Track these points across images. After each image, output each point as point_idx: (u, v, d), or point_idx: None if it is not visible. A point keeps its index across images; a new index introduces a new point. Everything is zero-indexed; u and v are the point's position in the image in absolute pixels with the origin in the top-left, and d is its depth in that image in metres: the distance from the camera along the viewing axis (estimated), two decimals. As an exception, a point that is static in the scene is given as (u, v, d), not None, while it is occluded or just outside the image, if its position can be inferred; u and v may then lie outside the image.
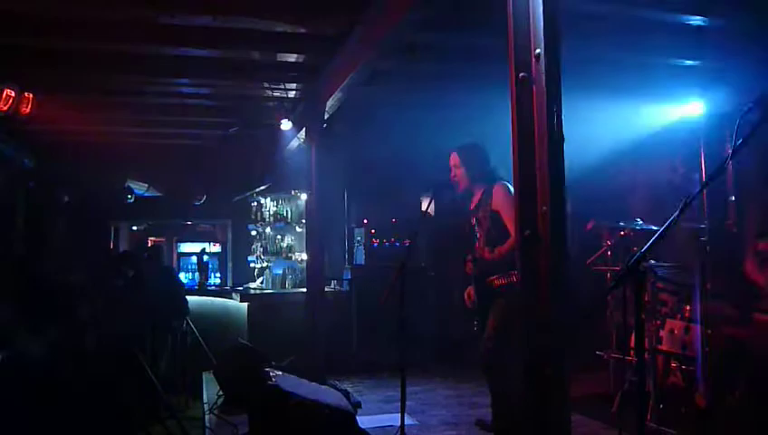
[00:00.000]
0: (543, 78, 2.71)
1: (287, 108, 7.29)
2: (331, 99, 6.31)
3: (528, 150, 2.73)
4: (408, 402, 4.94)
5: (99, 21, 5.35)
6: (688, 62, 5.77)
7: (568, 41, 2.88)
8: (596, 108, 5.41)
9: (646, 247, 2.24)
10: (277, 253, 8.91)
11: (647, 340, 4.84)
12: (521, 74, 2.78)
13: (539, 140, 2.71)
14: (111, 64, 6.25)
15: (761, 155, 5.72)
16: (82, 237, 9.25)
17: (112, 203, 9.59)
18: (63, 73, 6.49)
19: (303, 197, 8.31)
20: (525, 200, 2.74)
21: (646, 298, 4.99)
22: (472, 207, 4.56)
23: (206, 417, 5.44)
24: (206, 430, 5.12)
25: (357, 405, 5.26)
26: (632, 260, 2.20)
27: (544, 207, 2.63)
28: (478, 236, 4.48)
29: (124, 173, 9.71)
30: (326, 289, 7.34)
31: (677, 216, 2.23)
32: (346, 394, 5.11)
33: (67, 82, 6.84)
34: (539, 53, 2.74)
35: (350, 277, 7.91)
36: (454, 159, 4.55)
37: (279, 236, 8.97)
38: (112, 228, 10.50)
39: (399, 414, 4.20)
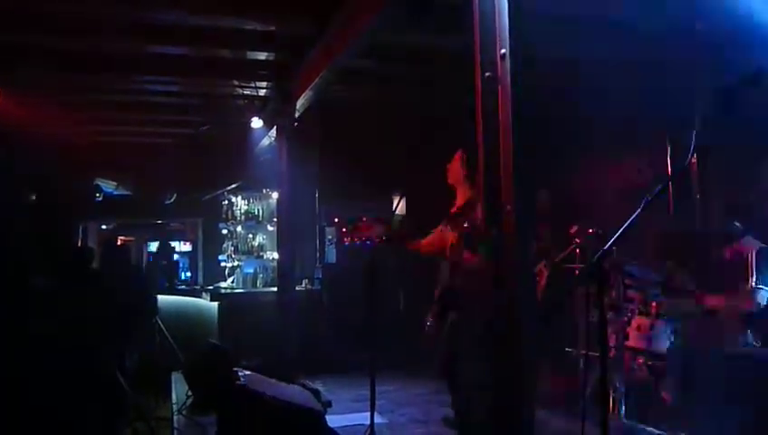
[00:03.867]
0: (509, 77, 2.74)
1: (258, 106, 7.28)
2: (301, 98, 6.30)
3: (493, 149, 2.76)
4: (378, 401, 4.95)
5: (67, 17, 5.28)
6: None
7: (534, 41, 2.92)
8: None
9: (606, 246, 2.27)
10: (248, 252, 8.85)
11: (615, 336, 4.92)
12: (486, 74, 2.80)
13: (504, 138, 2.73)
14: (80, 62, 6.18)
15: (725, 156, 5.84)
16: (48, 237, 9.11)
17: (81, 201, 9.45)
18: (31, 70, 6.40)
19: (275, 195, 8.27)
20: (491, 199, 2.77)
21: (614, 295, 5.07)
22: (453, 210, 4.53)
23: (175, 417, 5.39)
24: (174, 431, 5.07)
25: (327, 404, 5.24)
26: (595, 259, 2.22)
27: (509, 206, 2.65)
28: (451, 238, 4.46)
29: (93, 171, 9.59)
30: (297, 288, 7.32)
31: (637, 216, 2.26)
32: (316, 393, 5.09)
33: (35, 79, 6.75)
34: (504, 53, 2.77)
35: (321, 276, 7.90)
36: (458, 159, 4.48)
37: (250, 235, 8.91)
38: (80, 227, 10.35)
39: (369, 413, 4.21)
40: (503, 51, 2.77)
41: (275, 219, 8.25)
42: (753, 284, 4.34)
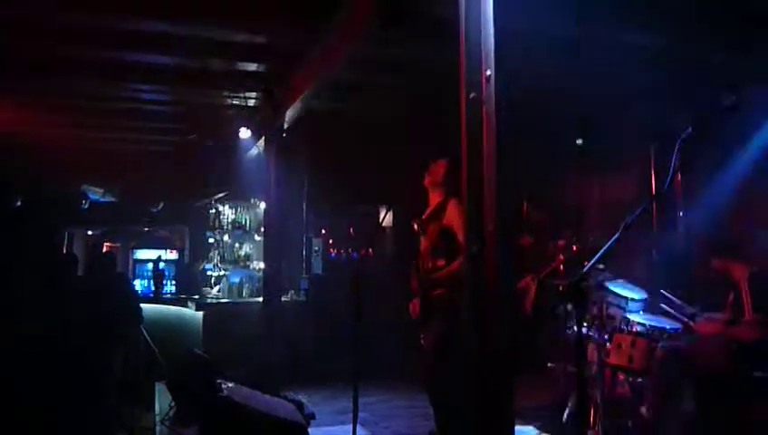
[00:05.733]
0: (493, 99, 2.78)
1: (246, 116, 7.29)
2: (290, 109, 6.32)
3: (477, 169, 2.79)
4: (361, 414, 4.98)
5: (56, 24, 5.29)
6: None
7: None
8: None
9: (587, 267, 2.32)
10: (235, 261, 8.85)
11: (596, 353, 4.96)
12: (471, 95, 2.84)
13: (487, 159, 2.77)
14: (69, 68, 6.18)
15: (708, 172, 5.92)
16: (33, 243, 9.06)
17: (66, 208, 9.41)
18: (18, 76, 6.38)
19: (262, 205, 8.29)
20: (473, 218, 2.80)
21: (596, 312, 5.11)
22: (425, 216, 4.59)
23: (158, 428, 5.36)
24: (157, 442, 5.05)
25: (310, 417, 5.26)
26: (576, 278, 2.27)
27: (490, 226, 2.69)
28: (422, 246, 4.51)
29: (79, 178, 9.55)
30: (283, 298, 7.33)
31: (619, 236, 2.31)
32: (300, 405, 5.10)
33: (22, 84, 6.74)
34: (489, 75, 2.81)
35: (307, 287, 7.91)
36: (442, 163, 4.52)
37: (237, 245, 8.92)
38: (66, 234, 10.29)
39: (352, 426, 4.23)
40: (488, 72, 2.82)
41: (262, 229, 8.26)
42: (751, 314, 4.28)
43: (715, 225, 5.66)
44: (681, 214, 6.59)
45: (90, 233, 11.27)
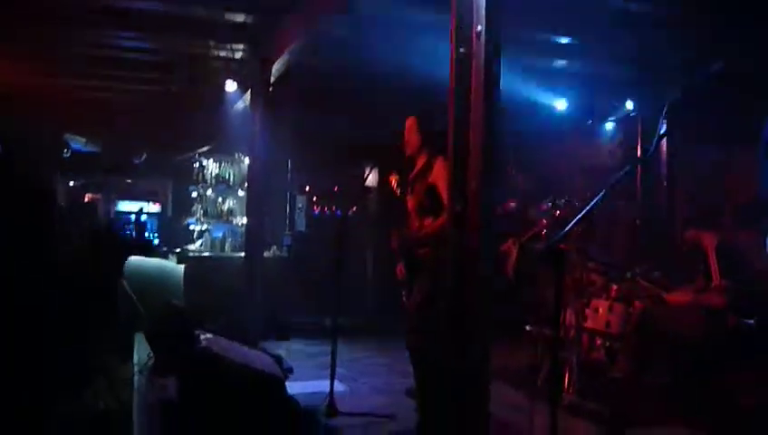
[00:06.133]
0: (483, 55, 2.74)
1: (233, 69, 7.18)
2: (277, 62, 6.23)
3: (464, 127, 2.77)
4: (341, 370, 5.03)
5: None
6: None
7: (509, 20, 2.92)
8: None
9: (565, 231, 2.31)
10: (218, 216, 8.78)
11: (574, 317, 5.01)
12: (461, 50, 2.80)
13: (475, 117, 2.74)
14: (50, 14, 6.02)
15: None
16: (16, 191, 8.93)
17: (48, 157, 9.28)
18: (-1, 25, 6.23)
19: (247, 160, 8.21)
20: (457, 176, 2.78)
21: (576, 278, 5.15)
22: (411, 176, 4.55)
23: (136, 378, 5.38)
24: (135, 392, 5.07)
25: (289, 371, 5.29)
26: (552, 242, 2.26)
27: (474, 184, 2.67)
28: (409, 206, 4.49)
29: (61, 127, 9.40)
30: (265, 254, 7.31)
31: (597, 202, 2.30)
32: (279, 359, 5.12)
33: (3, 33, 6.56)
34: (480, 30, 2.76)
35: (289, 243, 7.90)
36: (411, 121, 4.50)
37: (220, 199, 8.84)
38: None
39: (329, 380, 4.26)
40: (479, 28, 2.77)
41: (247, 184, 8.20)
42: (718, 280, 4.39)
43: (691, 195, 5.71)
44: (665, 183, 6.62)
45: (72, 184, 11.16)
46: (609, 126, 7.62)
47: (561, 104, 7.47)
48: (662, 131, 2.33)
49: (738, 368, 4.44)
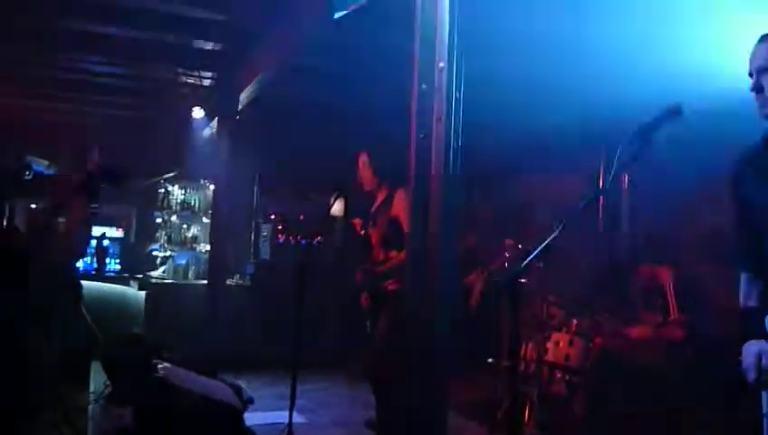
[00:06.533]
0: (445, 91, 2.79)
1: (201, 96, 7.18)
2: (245, 91, 6.25)
3: (424, 162, 2.80)
4: (301, 401, 4.97)
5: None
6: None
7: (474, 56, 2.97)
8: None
9: (524, 264, 2.33)
10: (182, 242, 8.70)
11: (535, 351, 5.04)
12: (423, 86, 2.85)
13: (436, 153, 2.77)
14: (19, 36, 5.98)
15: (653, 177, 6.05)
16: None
17: (8, 179, 9.09)
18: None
19: (213, 187, 8.17)
20: (418, 208, 2.81)
21: (537, 311, 5.20)
22: (373, 209, 4.59)
23: (91, 407, 5.26)
24: (89, 422, 4.95)
25: (249, 401, 5.20)
26: (509, 276, 2.29)
27: (435, 218, 2.70)
28: (372, 239, 4.51)
29: (23, 149, 9.24)
30: (228, 282, 7.25)
31: (554, 237, 2.32)
32: (238, 390, 5.04)
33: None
34: (443, 67, 2.81)
35: (253, 272, 7.83)
36: (363, 158, 4.56)
37: (185, 226, 8.76)
38: (6, 206, 9.96)
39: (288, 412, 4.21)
40: (441, 64, 2.82)
41: (210, 211, 8.15)
42: (676, 314, 4.50)
43: (648, 229, 5.84)
44: (626, 217, 6.73)
45: (33, 207, 10.93)
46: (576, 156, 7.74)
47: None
48: (619, 164, 2.37)
49: (696, 402, 4.52)
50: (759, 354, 2.07)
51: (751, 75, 2.21)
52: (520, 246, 5.72)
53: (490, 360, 5.82)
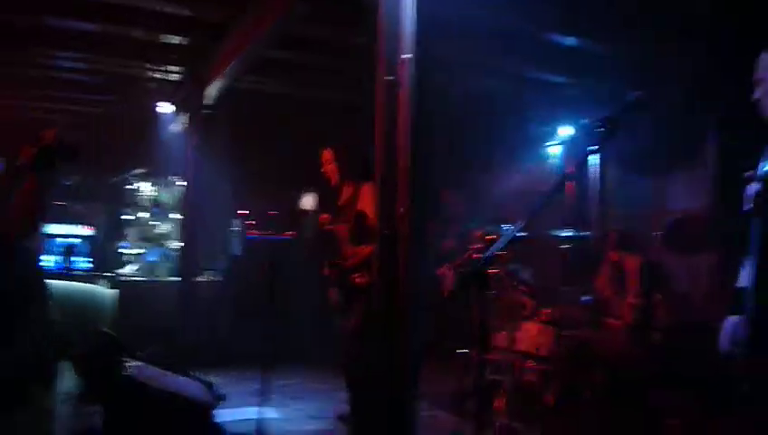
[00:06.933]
0: (409, 83, 2.79)
1: (169, 91, 7.09)
2: (213, 85, 6.20)
3: (390, 152, 2.80)
4: (274, 395, 4.95)
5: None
6: (558, 80, 6.05)
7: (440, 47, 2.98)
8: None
9: (489, 253, 2.36)
10: (152, 239, 8.60)
11: (506, 340, 5.08)
12: (388, 77, 2.85)
13: (402, 142, 2.78)
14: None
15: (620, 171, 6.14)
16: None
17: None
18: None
19: (183, 183, 8.09)
20: (385, 201, 2.82)
21: (508, 300, 5.24)
22: (340, 204, 4.59)
23: (59, 407, 5.19)
24: (57, 422, 4.88)
25: (220, 397, 5.16)
26: (476, 266, 2.31)
27: (402, 208, 2.71)
28: (341, 234, 4.51)
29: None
30: (199, 278, 7.19)
31: (519, 229, 2.35)
32: (209, 386, 5.00)
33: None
34: (406, 59, 2.82)
35: (224, 268, 7.79)
36: (327, 154, 4.56)
37: (154, 223, 8.67)
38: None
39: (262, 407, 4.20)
40: (405, 56, 2.82)
41: (181, 208, 8.07)
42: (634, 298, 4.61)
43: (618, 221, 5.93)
44: (596, 207, 6.82)
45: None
46: (547, 150, 7.83)
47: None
48: (586, 153, 2.39)
49: (664, 387, 4.61)
50: (734, 329, 2.27)
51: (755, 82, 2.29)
52: (489, 238, 5.75)
53: (460, 350, 5.86)
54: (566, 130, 7.15)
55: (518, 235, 2.48)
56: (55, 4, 5.36)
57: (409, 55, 2.80)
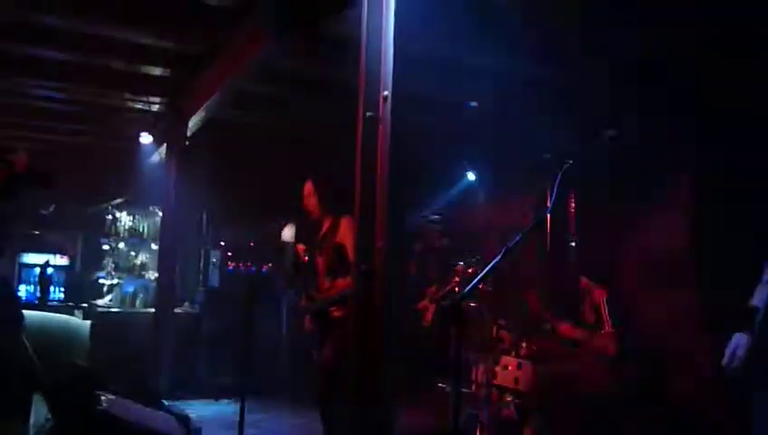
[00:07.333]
0: (389, 119, 2.83)
1: (149, 121, 7.10)
2: (194, 117, 6.22)
3: (369, 186, 2.83)
4: (251, 430, 4.89)
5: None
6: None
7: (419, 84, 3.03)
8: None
9: (468, 288, 2.38)
10: (130, 270, 8.53)
11: (484, 374, 5.08)
12: (368, 113, 2.89)
13: (380, 177, 2.81)
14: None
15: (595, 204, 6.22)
16: None
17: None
18: None
19: (161, 213, 8.06)
20: (363, 235, 2.83)
21: (487, 334, 5.25)
22: (319, 237, 4.59)
23: (31, 441, 5.08)
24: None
25: (196, 432, 5.10)
26: (452, 300, 2.33)
27: (380, 243, 2.72)
28: (319, 266, 4.51)
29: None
30: (177, 310, 7.12)
31: (497, 261, 2.38)
32: (186, 420, 4.94)
33: None
34: (387, 95, 2.86)
35: (202, 299, 7.73)
36: (308, 187, 4.57)
37: (133, 253, 8.60)
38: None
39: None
40: (385, 93, 2.86)
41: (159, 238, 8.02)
42: (611, 328, 4.66)
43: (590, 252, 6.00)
44: (573, 244, 6.87)
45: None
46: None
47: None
48: (558, 191, 2.44)
49: (637, 417, 4.64)
50: (737, 345, 2.43)
51: None
52: (470, 271, 5.78)
53: (441, 384, 5.85)
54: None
55: (495, 268, 2.51)
56: (34, 34, 5.37)
57: (389, 92, 2.84)
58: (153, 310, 7.07)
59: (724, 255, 4.70)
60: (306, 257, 4.63)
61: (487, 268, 2.42)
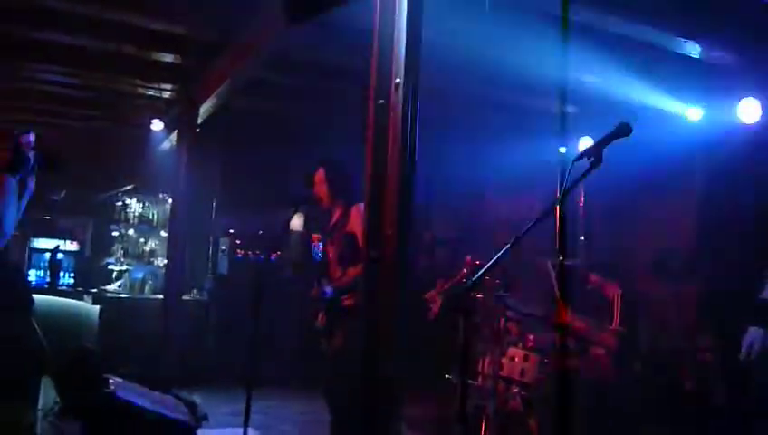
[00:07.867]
0: (401, 106, 2.81)
1: (160, 108, 7.11)
2: (205, 104, 6.22)
3: (380, 174, 2.81)
4: (257, 416, 4.91)
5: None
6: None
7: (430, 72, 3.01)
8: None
9: (474, 278, 2.37)
10: (139, 256, 8.57)
11: (492, 365, 5.07)
12: (380, 101, 2.87)
13: (391, 165, 2.80)
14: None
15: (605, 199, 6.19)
16: None
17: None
18: None
19: (171, 200, 8.08)
20: (373, 223, 2.82)
21: (495, 326, 5.24)
22: (330, 225, 4.57)
23: (39, 424, 5.12)
24: (36, 438, 4.81)
25: (203, 418, 5.12)
26: (460, 290, 2.32)
27: (390, 231, 2.71)
28: (329, 255, 4.49)
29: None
30: (185, 297, 7.15)
31: (505, 252, 2.37)
32: (193, 406, 4.96)
33: None
34: (399, 83, 2.84)
35: (210, 286, 7.75)
36: (319, 174, 4.54)
37: (142, 239, 8.65)
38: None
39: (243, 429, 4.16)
40: (397, 80, 2.85)
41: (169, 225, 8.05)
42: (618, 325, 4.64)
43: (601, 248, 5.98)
44: (582, 238, 6.84)
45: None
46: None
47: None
48: (571, 180, 2.43)
49: (646, 415, 4.63)
50: (753, 338, 2.62)
51: None
52: (478, 263, 5.77)
53: (448, 376, 5.84)
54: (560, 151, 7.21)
55: (504, 259, 2.50)
56: (48, 19, 5.38)
57: (401, 80, 2.82)
58: (161, 296, 7.10)
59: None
60: (322, 247, 4.62)
61: (496, 256, 2.40)
